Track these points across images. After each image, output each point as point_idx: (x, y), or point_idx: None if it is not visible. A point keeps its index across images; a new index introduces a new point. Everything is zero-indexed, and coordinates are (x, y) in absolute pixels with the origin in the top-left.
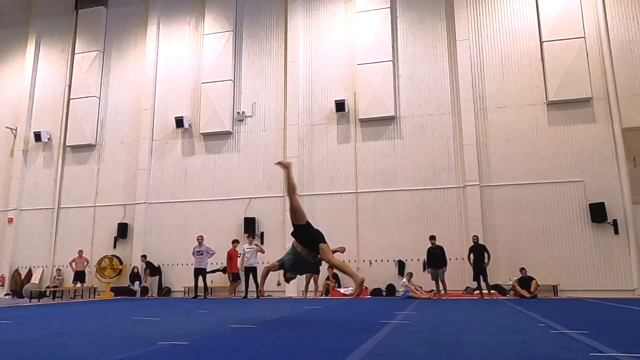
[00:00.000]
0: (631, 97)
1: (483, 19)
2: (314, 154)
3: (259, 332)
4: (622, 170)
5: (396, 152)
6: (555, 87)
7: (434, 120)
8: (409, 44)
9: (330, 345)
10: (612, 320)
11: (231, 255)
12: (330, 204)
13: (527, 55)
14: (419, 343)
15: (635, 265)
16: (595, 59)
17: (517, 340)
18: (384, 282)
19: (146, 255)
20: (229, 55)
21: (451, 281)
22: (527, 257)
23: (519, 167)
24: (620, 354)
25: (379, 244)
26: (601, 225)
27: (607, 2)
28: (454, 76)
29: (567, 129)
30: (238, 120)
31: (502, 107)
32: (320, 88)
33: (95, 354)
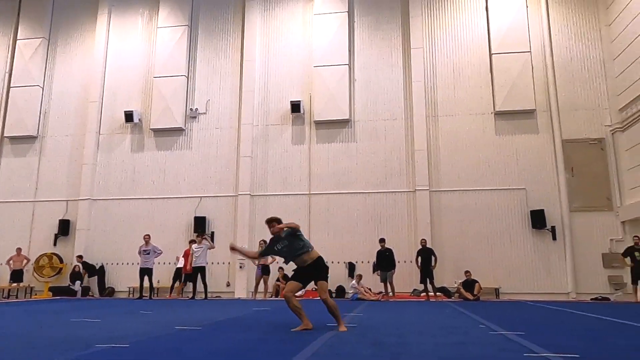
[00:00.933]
0: (571, 110)
1: (437, 28)
2: (268, 154)
3: (203, 334)
4: (561, 179)
5: (350, 155)
6: (502, 98)
7: (387, 125)
8: (365, 49)
9: (275, 347)
10: (547, 322)
11: (187, 254)
12: (283, 205)
13: (477, 66)
14: (363, 345)
15: (570, 270)
16: (540, 73)
17: (458, 342)
18: (334, 283)
19: (82, 256)
20: (183, 50)
21: (399, 283)
22: (471, 260)
23: (467, 173)
24: (552, 354)
25: (330, 246)
26: (541, 232)
27: (551, 21)
28: (408, 83)
29: (512, 139)
30: (191, 117)
31: (452, 115)
32: (276, 88)
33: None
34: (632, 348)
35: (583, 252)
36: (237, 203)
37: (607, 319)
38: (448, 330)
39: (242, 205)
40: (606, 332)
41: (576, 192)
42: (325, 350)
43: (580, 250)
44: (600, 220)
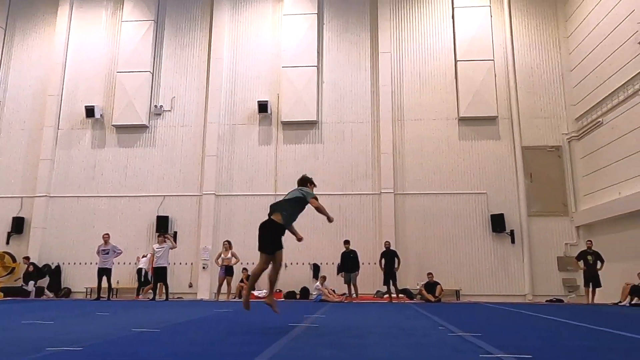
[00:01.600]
0: (530, 118)
1: (405, 34)
2: (234, 153)
3: (162, 336)
4: (520, 185)
5: (317, 156)
6: (466, 104)
7: (354, 128)
8: (333, 51)
9: (235, 349)
10: (504, 323)
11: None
12: (249, 205)
13: (443, 72)
14: (324, 346)
15: (528, 273)
16: (502, 81)
17: (416, 343)
18: (298, 285)
19: (29, 257)
20: (149, 45)
21: (363, 285)
22: (434, 263)
23: (431, 177)
24: (507, 355)
25: (295, 247)
26: (500, 235)
27: (514, 31)
28: (375, 86)
29: (475, 144)
30: (155, 114)
31: (418, 120)
32: (244, 87)
33: None
34: (582, 348)
35: (540, 255)
36: (202, 203)
37: (560, 320)
38: (408, 332)
39: (206, 205)
40: (558, 333)
41: (534, 198)
42: (285, 352)
43: (537, 254)
44: (556, 225)
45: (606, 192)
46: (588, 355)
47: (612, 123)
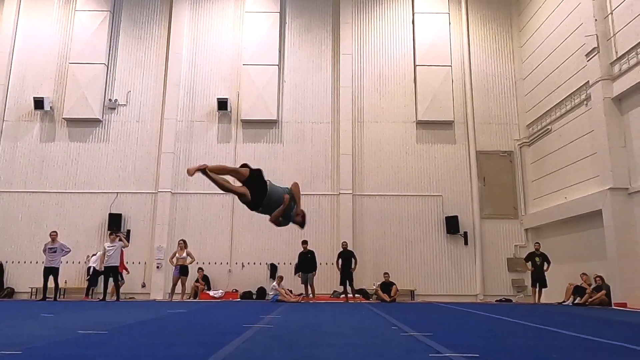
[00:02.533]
0: (484, 124)
1: (366, 37)
2: (192, 151)
3: (109, 339)
4: (474, 188)
5: (276, 156)
6: (424, 108)
7: (315, 128)
8: (295, 51)
9: (185, 351)
10: (455, 323)
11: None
12: (206, 204)
13: (402, 75)
14: (277, 347)
15: (479, 274)
16: (459, 87)
17: (369, 343)
18: (255, 285)
19: None
20: (104, 37)
21: (320, 285)
22: (390, 263)
23: (388, 179)
24: (455, 354)
25: (252, 247)
26: (454, 237)
27: (471, 39)
28: (336, 87)
29: (432, 148)
30: (109, 108)
31: (377, 122)
32: (203, 84)
33: None
34: (526, 347)
35: (491, 256)
36: (157, 200)
37: (507, 320)
38: (361, 332)
39: (162, 203)
40: (505, 331)
41: (487, 201)
42: (236, 353)
43: (488, 255)
44: (506, 227)
45: (553, 197)
46: (531, 353)
47: (560, 131)
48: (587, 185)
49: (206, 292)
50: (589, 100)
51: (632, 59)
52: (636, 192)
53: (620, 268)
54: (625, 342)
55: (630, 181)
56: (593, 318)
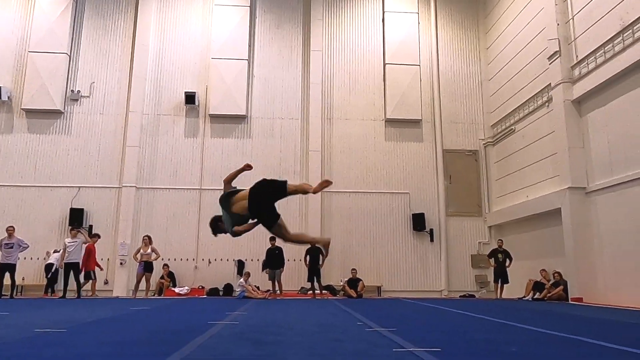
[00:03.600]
0: (451, 123)
1: (336, 34)
2: (158, 145)
3: (68, 337)
4: (440, 186)
5: (244, 151)
6: (392, 106)
7: (284, 124)
8: (265, 46)
9: (147, 349)
10: (420, 318)
11: (90, 250)
12: (172, 199)
13: (372, 73)
14: (241, 344)
15: (444, 270)
16: (427, 86)
17: (334, 339)
18: (222, 281)
19: None
20: (67, 25)
21: (288, 281)
22: (358, 259)
23: (357, 176)
24: (418, 348)
25: (219, 243)
26: (420, 234)
27: (439, 39)
28: (306, 83)
29: (400, 146)
30: (72, 100)
31: (346, 119)
32: (170, 77)
33: None
34: (486, 341)
35: (455, 253)
36: (121, 195)
37: (470, 315)
38: (327, 328)
39: (126, 198)
40: (467, 326)
41: (452, 198)
42: (199, 351)
43: (453, 252)
44: (471, 224)
45: (516, 195)
46: (491, 347)
47: (523, 131)
48: (547, 185)
49: (171, 289)
50: (551, 102)
51: (591, 63)
52: (593, 192)
53: (577, 264)
54: (579, 335)
55: (588, 181)
56: (550, 313)
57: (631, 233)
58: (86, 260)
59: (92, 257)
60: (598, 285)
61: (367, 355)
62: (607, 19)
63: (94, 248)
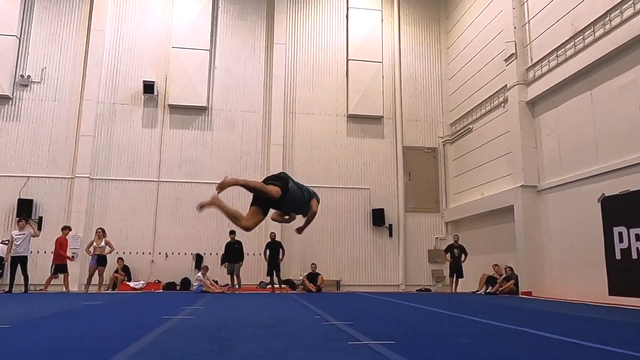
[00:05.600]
0: (411, 120)
1: (300, 27)
2: (114, 135)
3: (11, 333)
4: (399, 182)
5: (205, 143)
6: (355, 102)
7: (246, 117)
8: (228, 37)
9: (97, 345)
10: (376, 312)
11: (61, 243)
12: (128, 191)
13: (335, 68)
14: (195, 339)
15: (402, 265)
16: (389, 83)
17: (290, 333)
18: (179, 275)
19: None
20: (16, 6)
21: (247, 276)
22: (318, 254)
23: (319, 171)
24: (373, 341)
25: (177, 236)
26: (380, 229)
27: (402, 37)
28: (269, 76)
29: (361, 142)
30: (21, 85)
31: (309, 114)
32: (128, 65)
33: None
34: (439, 333)
35: (413, 248)
36: (73, 186)
37: (424, 308)
38: (284, 322)
39: (78, 189)
40: (421, 319)
41: (411, 195)
42: (151, 347)
43: (411, 247)
44: (428, 220)
45: (472, 192)
46: (443, 339)
47: (480, 130)
48: (501, 183)
49: (126, 283)
50: (506, 102)
51: (544, 67)
52: (543, 190)
53: (527, 260)
54: (525, 327)
55: (539, 179)
56: (501, 306)
57: (577, 230)
58: (57, 253)
59: (63, 250)
60: (546, 279)
61: (322, 349)
62: (560, 24)
63: (66, 241)
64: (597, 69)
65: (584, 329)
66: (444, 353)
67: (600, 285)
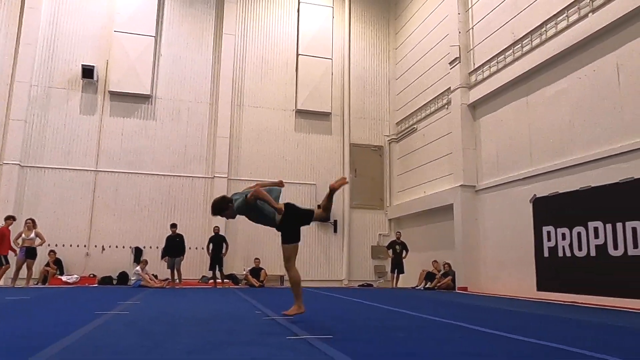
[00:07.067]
0: (358, 118)
1: (251, 18)
2: (48, 120)
3: None
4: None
5: (147, 133)
6: (303, 98)
7: (192, 107)
8: (175, 25)
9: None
10: (318, 307)
11: (3, 234)
12: (62, 180)
13: (285, 63)
14: (129, 334)
15: (346, 260)
16: (338, 80)
17: (229, 328)
18: (116, 269)
19: None
20: None
21: (189, 270)
22: (262, 248)
23: (265, 165)
24: (311, 336)
25: (115, 229)
26: (325, 225)
27: (352, 35)
28: (216, 67)
29: (309, 137)
30: None
31: (257, 107)
32: (66, 47)
33: None
34: (377, 327)
35: (357, 244)
36: (1, 174)
37: (365, 303)
38: (224, 317)
39: (7, 177)
40: (361, 314)
41: (357, 191)
42: (81, 343)
43: (355, 243)
44: (373, 217)
45: (415, 190)
46: (379, 333)
47: (424, 130)
48: (443, 182)
49: (58, 277)
50: (450, 105)
51: (485, 72)
52: (481, 190)
53: (464, 257)
54: (458, 321)
55: (478, 180)
56: (438, 301)
57: (510, 228)
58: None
59: (6, 240)
60: (481, 275)
61: (259, 344)
62: (501, 31)
63: (9, 231)
64: (533, 77)
65: (512, 322)
66: (380, 347)
67: (529, 281)
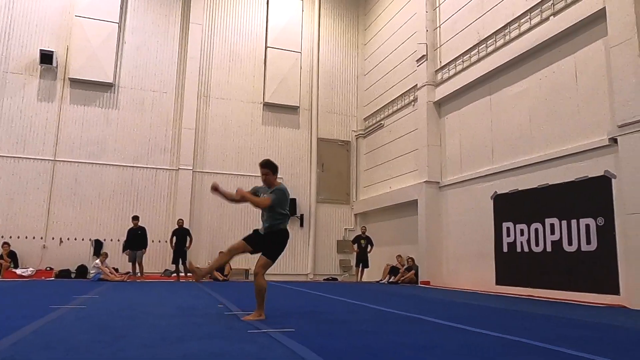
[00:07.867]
0: (326, 113)
1: (219, 8)
2: (3, 107)
3: None
4: (312, 173)
5: (109, 122)
6: (271, 91)
7: (156, 97)
8: (140, 12)
9: None
10: (281, 300)
11: None
12: (17, 170)
13: (253, 55)
14: (85, 329)
15: (312, 254)
16: (306, 74)
17: (190, 322)
18: (75, 262)
19: None
20: None
21: (151, 263)
22: (227, 242)
23: (232, 158)
24: (273, 330)
25: (74, 221)
26: (291, 219)
27: (321, 30)
28: (183, 57)
29: (277, 131)
30: None
31: (224, 99)
32: (23, 30)
33: None
34: (340, 321)
35: (323, 238)
36: None
37: (329, 297)
38: (186, 311)
39: None
40: (324, 308)
41: (323, 186)
42: (32, 338)
43: (320, 237)
44: (339, 211)
45: (381, 186)
46: (341, 327)
47: (391, 127)
48: (408, 178)
49: (12, 270)
50: (416, 102)
51: (451, 70)
52: (445, 186)
53: (427, 251)
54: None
55: (442, 176)
56: (401, 294)
57: (472, 224)
58: None
59: None
60: (443, 269)
61: (220, 338)
62: (467, 31)
63: None
64: (496, 76)
65: (470, 315)
66: (342, 340)
67: (489, 275)
